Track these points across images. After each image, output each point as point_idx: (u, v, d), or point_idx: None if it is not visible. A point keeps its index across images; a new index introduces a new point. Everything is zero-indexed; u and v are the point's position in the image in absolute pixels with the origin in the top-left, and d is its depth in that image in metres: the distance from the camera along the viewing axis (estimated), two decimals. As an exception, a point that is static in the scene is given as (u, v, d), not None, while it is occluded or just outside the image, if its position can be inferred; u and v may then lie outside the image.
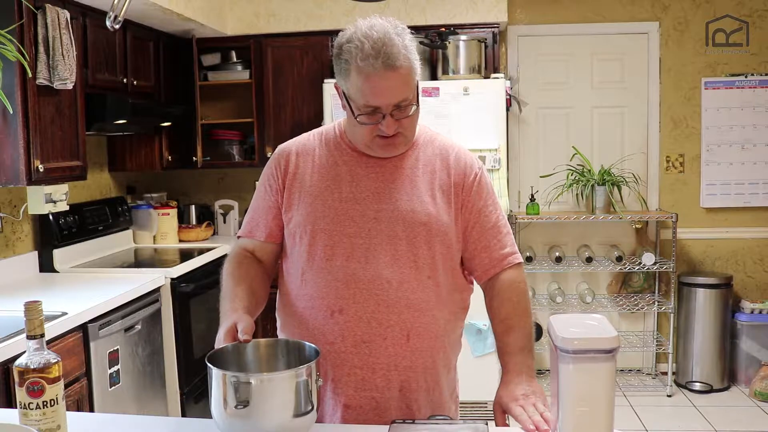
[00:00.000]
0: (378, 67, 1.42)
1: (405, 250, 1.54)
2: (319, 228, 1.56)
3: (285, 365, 1.41)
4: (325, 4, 4.17)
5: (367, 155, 1.59)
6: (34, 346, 1.26)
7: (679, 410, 4.01)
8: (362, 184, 1.57)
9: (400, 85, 1.45)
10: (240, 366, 1.40)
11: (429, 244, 1.55)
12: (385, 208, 1.55)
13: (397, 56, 1.43)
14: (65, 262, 3.41)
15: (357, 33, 1.46)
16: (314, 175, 1.60)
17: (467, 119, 3.68)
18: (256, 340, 1.42)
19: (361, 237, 1.54)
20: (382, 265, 1.53)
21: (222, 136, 4.45)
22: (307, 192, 1.59)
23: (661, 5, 4.38)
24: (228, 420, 1.25)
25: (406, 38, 1.47)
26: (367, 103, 1.46)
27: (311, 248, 1.57)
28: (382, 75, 1.43)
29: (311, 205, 1.58)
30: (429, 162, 1.61)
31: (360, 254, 1.53)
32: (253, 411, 1.22)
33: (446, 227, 1.57)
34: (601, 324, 1.24)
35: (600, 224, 4.41)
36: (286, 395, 1.24)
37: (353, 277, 1.53)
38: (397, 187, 1.57)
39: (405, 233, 1.54)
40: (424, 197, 1.56)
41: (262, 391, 1.22)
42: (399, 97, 1.46)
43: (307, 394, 1.26)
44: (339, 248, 1.54)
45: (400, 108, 1.47)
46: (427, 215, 1.55)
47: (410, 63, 1.46)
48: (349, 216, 1.55)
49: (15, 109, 2.68)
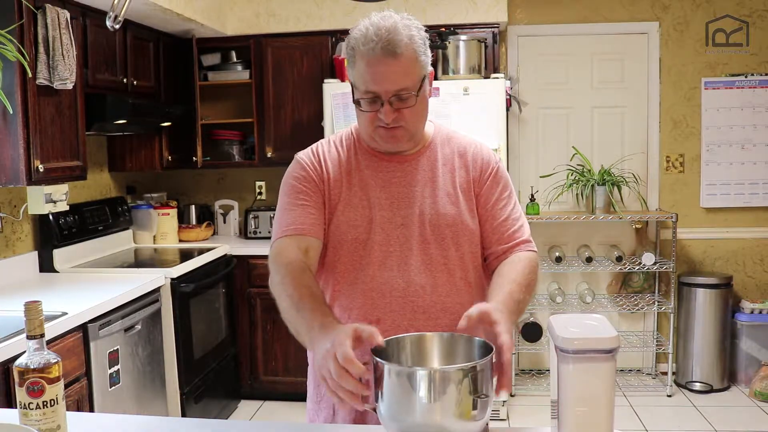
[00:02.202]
0: (378, 52, 1.43)
1: (435, 254, 1.53)
2: (352, 237, 1.54)
3: (442, 359, 1.34)
4: (325, 4, 4.17)
5: (387, 158, 1.58)
6: (34, 346, 1.26)
7: (679, 410, 4.01)
8: (387, 189, 1.56)
9: (399, 73, 1.44)
10: (404, 363, 1.31)
11: (457, 246, 1.55)
12: (411, 213, 1.54)
13: (398, 43, 1.43)
14: (65, 262, 3.41)
15: (366, 22, 1.48)
16: (343, 182, 1.58)
17: (467, 119, 3.67)
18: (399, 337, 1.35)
19: (391, 244, 1.53)
20: (414, 272, 1.52)
21: (222, 136, 4.46)
22: (339, 200, 1.57)
23: (661, 5, 4.37)
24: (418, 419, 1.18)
25: (413, 30, 1.47)
26: (367, 89, 1.46)
27: (344, 258, 1.55)
28: (381, 60, 1.43)
29: (343, 213, 1.56)
30: (448, 161, 1.60)
31: (392, 262, 1.52)
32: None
33: (471, 226, 1.57)
34: (601, 324, 1.23)
35: (600, 224, 4.41)
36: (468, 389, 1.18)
37: (387, 285, 1.52)
38: (420, 189, 1.56)
39: (433, 237, 1.54)
40: (447, 198, 1.56)
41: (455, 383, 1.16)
42: (398, 84, 1.45)
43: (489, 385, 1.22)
44: (371, 257, 1.53)
45: (400, 98, 1.46)
46: (452, 217, 1.55)
47: (413, 53, 1.45)
48: (378, 223, 1.54)
49: (15, 109, 2.68)
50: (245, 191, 4.69)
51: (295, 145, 4.20)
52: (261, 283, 4.06)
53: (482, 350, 1.29)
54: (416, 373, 1.18)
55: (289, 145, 4.24)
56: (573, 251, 4.47)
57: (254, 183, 4.68)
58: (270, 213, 4.41)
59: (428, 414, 1.17)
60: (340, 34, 4.14)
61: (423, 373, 1.18)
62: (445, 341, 1.36)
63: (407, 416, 1.19)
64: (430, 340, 1.36)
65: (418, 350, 1.35)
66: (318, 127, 4.01)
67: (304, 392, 1.70)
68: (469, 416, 1.19)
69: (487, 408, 1.21)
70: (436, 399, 1.17)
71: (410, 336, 1.36)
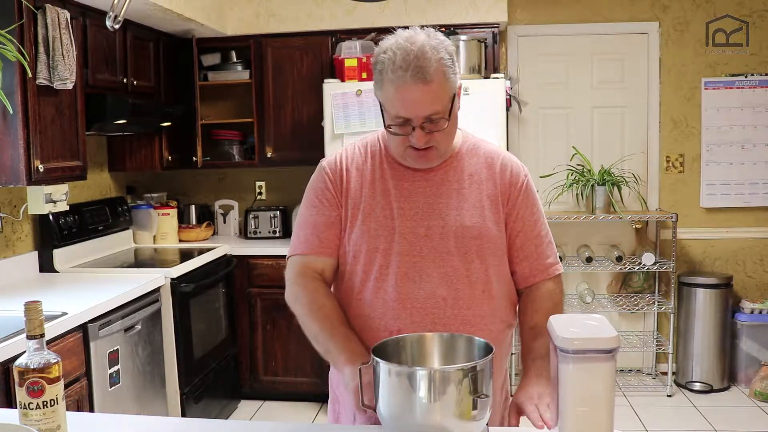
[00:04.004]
0: (408, 80, 1.41)
1: (458, 266, 1.52)
2: (373, 247, 1.54)
3: (442, 359, 1.36)
4: (325, 4, 4.17)
5: (412, 169, 1.57)
6: (34, 346, 1.26)
7: (679, 410, 4.01)
8: (411, 200, 1.55)
9: (429, 99, 1.43)
10: (406, 364, 1.34)
11: (481, 258, 1.54)
12: (435, 224, 1.53)
13: (427, 69, 1.41)
14: (65, 262, 3.41)
15: (393, 44, 1.45)
16: (365, 191, 1.58)
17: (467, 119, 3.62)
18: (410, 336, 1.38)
19: (413, 255, 1.52)
20: (436, 283, 1.51)
21: (222, 136, 4.46)
22: (360, 209, 1.57)
23: (661, 5, 4.37)
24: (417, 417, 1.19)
25: (441, 51, 1.44)
26: (398, 114, 1.45)
27: (366, 267, 1.55)
28: (411, 88, 1.41)
29: (364, 223, 1.56)
30: (475, 172, 1.58)
31: (414, 273, 1.52)
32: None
33: (496, 238, 1.56)
34: (601, 324, 1.23)
35: (600, 224, 4.41)
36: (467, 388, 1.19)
37: (408, 296, 1.51)
38: (445, 201, 1.55)
39: (457, 249, 1.52)
40: (473, 210, 1.55)
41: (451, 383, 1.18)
42: (429, 110, 1.44)
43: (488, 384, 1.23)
44: (392, 267, 1.52)
45: (431, 121, 1.45)
46: (477, 229, 1.53)
47: (443, 77, 1.43)
48: (400, 234, 1.53)
49: (15, 109, 2.68)
50: (245, 191, 4.69)
51: (295, 145, 4.26)
52: (261, 283, 4.06)
53: (482, 350, 1.29)
54: (416, 373, 1.18)
55: (289, 145, 4.24)
56: (573, 251, 4.47)
57: (254, 183, 4.68)
58: (270, 213, 4.42)
59: (428, 414, 1.18)
60: (340, 34, 4.14)
61: (423, 373, 1.18)
62: (445, 341, 1.36)
63: (407, 416, 1.19)
64: (430, 340, 1.37)
65: (418, 350, 1.35)
66: (318, 127, 4.00)
67: (304, 392, 1.72)
68: (469, 416, 1.19)
69: (487, 408, 1.21)
70: (436, 399, 1.17)
71: (410, 336, 1.36)
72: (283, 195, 4.61)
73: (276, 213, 4.43)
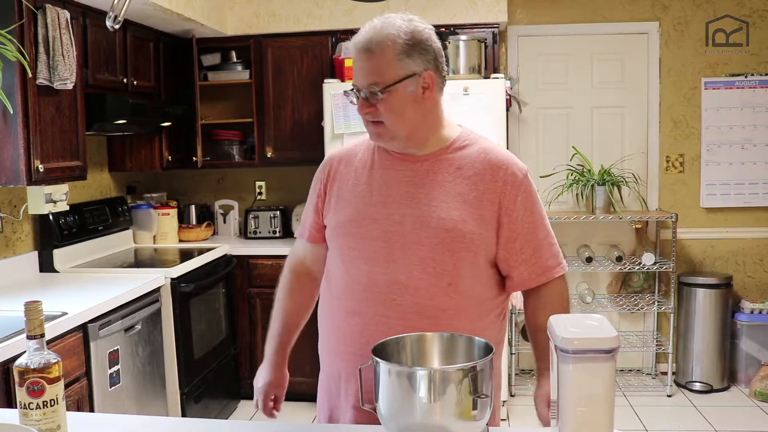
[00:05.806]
0: (358, 48, 1.51)
1: (425, 256, 1.51)
2: (346, 231, 1.57)
3: (442, 359, 1.35)
4: (325, 4, 4.17)
5: (399, 158, 1.58)
6: (34, 346, 1.26)
7: (679, 410, 4.01)
8: (392, 188, 1.56)
9: (369, 68, 1.49)
10: (404, 363, 1.34)
11: (452, 251, 1.51)
12: (410, 213, 1.53)
13: (374, 40, 1.48)
14: (65, 262, 3.41)
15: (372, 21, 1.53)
16: (351, 180, 1.62)
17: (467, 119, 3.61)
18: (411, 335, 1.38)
19: (384, 241, 1.53)
20: (400, 270, 1.51)
21: (222, 136, 4.46)
22: (343, 196, 1.61)
23: (661, 5, 4.37)
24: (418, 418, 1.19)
25: (401, 33, 1.48)
26: (352, 83, 1.54)
27: (338, 250, 1.60)
28: (358, 55, 1.51)
29: (345, 209, 1.59)
30: (465, 166, 1.56)
31: (381, 258, 1.53)
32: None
33: (475, 235, 1.51)
34: (601, 324, 1.23)
35: (600, 224, 4.41)
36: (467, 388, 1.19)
37: (372, 280, 1.53)
38: (427, 191, 1.54)
39: (428, 239, 1.51)
40: (453, 203, 1.52)
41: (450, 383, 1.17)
42: (368, 79, 1.49)
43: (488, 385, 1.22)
44: (361, 251, 1.55)
45: (372, 93, 1.49)
46: (453, 222, 1.51)
47: (390, 52, 1.47)
48: (374, 219, 1.55)
49: (15, 109, 2.68)
50: (245, 191, 4.69)
51: (295, 145, 4.26)
52: (261, 283, 4.06)
53: (482, 350, 1.29)
54: (416, 373, 1.18)
55: (289, 145, 4.24)
56: (573, 251, 4.47)
57: (254, 183, 4.68)
58: (270, 213, 4.43)
59: (428, 414, 1.17)
60: (340, 34, 4.14)
61: (423, 373, 1.18)
62: (445, 341, 1.36)
63: (407, 416, 1.19)
64: (430, 340, 1.36)
65: (418, 350, 1.35)
66: (318, 127, 4.00)
67: (303, 392, 1.75)
68: (469, 416, 1.19)
69: (487, 408, 1.21)
70: (436, 399, 1.17)
71: (410, 336, 1.36)
72: (283, 195, 4.61)
73: (276, 213, 4.43)
